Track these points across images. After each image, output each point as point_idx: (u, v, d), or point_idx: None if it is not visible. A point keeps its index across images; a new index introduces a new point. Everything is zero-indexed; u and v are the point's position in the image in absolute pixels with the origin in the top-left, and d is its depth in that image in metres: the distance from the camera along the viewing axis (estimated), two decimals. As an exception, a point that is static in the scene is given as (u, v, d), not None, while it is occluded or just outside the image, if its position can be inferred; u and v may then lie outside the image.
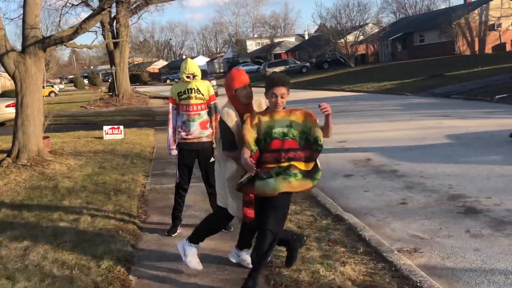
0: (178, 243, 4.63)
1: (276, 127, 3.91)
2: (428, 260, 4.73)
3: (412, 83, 26.85)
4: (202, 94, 5.78)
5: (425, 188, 7.15)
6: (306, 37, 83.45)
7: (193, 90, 5.74)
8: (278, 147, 3.88)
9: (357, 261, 4.59)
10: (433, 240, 5.20)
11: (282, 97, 3.94)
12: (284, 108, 4.05)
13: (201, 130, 5.71)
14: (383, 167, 8.68)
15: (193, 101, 5.74)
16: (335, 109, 18.79)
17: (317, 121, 4.00)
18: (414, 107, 17.70)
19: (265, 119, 3.95)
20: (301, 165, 3.91)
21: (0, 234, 5.67)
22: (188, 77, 5.70)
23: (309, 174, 3.91)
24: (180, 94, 5.83)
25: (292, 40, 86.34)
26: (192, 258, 4.49)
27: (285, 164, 3.85)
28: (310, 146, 3.94)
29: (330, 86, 32.65)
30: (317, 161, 4.01)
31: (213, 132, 5.85)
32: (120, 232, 5.66)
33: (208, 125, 5.84)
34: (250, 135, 3.92)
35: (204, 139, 5.73)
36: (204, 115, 5.83)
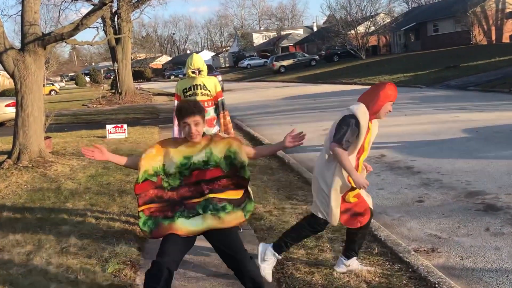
0: (261, 244, 4.48)
1: (194, 157, 3.60)
2: (447, 260, 4.71)
3: (427, 75, 26.72)
4: (209, 90, 5.78)
5: (442, 185, 7.11)
6: (315, 29, 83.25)
7: (199, 86, 5.74)
8: (200, 178, 3.58)
9: (372, 262, 4.58)
10: (451, 239, 5.18)
11: (196, 125, 3.56)
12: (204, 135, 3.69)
13: (207, 128, 5.70)
14: (397, 164, 8.65)
15: (199, 97, 5.74)
16: (344, 103, 18.73)
17: (241, 145, 3.67)
18: (429, 100, 17.61)
19: (181, 149, 3.61)
20: (229, 194, 3.57)
21: (2, 238, 5.71)
22: (193, 72, 5.71)
23: (239, 204, 3.56)
24: (185, 90, 5.83)
25: (300, 32, 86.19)
26: (268, 267, 4.32)
27: (210, 196, 3.54)
28: (238, 171, 3.60)
29: (340, 80, 32.56)
30: (249, 189, 3.64)
31: (220, 130, 5.85)
32: (126, 234, 5.68)
33: (215, 122, 5.84)
34: (150, 163, 3.61)
35: None
36: (211, 112, 5.83)
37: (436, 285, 3.98)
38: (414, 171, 8.06)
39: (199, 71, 5.71)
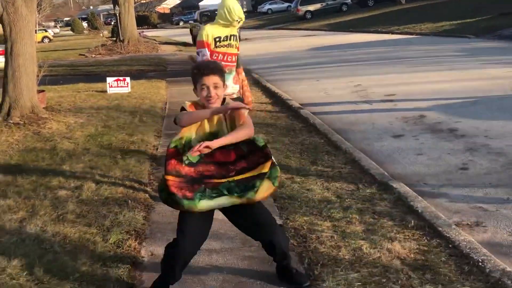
0: None
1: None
2: (493, 236, 4.72)
3: (476, 23, 26.21)
4: (237, 43, 5.79)
5: (490, 150, 7.07)
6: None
7: (234, 37, 5.71)
8: (224, 159, 3.63)
9: (407, 237, 4.60)
10: (498, 212, 5.18)
11: (215, 88, 3.64)
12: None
13: (233, 85, 5.72)
14: (439, 125, 8.60)
15: (233, 50, 5.72)
16: (379, 56, 18.55)
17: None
18: (478, 52, 17.33)
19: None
20: (258, 170, 3.62)
21: (-8, 203, 5.84)
22: (238, 21, 5.69)
23: (265, 174, 3.60)
24: (219, 39, 5.77)
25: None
26: None
27: (236, 178, 3.59)
28: (253, 144, 3.70)
29: (375, 28, 32.11)
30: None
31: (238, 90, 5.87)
32: (130, 201, 5.78)
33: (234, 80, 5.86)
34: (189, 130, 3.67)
35: (235, 96, 5.76)
36: (234, 68, 5.84)
37: (480, 263, 4.00)
38: (458, 134, 8.01)
39: (239, 21, 5.70)
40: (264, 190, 3.57)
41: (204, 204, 3.51)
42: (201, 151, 3.54)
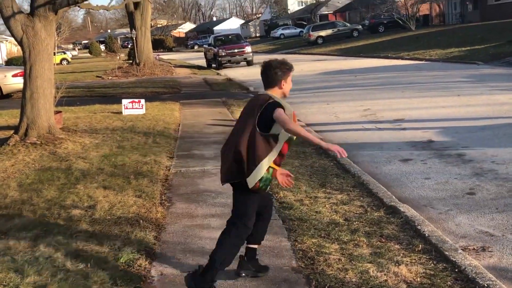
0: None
1: None
2: (499, 261, 4.67)
3: (485, 49, 26.19)
4: None
5: (497, 175, 7.03)
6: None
7: None
8: (286, 151, 4.29)
9: (414, 261, 4.57)
10: (504, 237, 5.14)
11: None
12: None
13: None
14: (447, 150, 8.57)
15: None
16: (389, 80, 18.56)
17: None
18: (486, 78, 17.30)
19: None
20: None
21: (7, 221, 5.88)
22: None
23: None
24: None
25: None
26: None
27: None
28: None
29: (386, 53, 32.17)
30: None
31: None
32: (141, 221, 5.79)
33: None
34: None
35: None
36: None
37: (486, 289, 3.96)
38: (465, 159, 7.97)
39: None
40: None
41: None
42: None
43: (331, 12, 75.95)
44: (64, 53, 58.27)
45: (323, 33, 51.66)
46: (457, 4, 53.46)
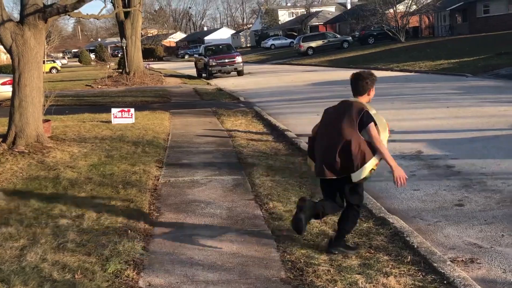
0: None
1: None
2: (487, 273, 4.68)
3: (474, 62, 26.39)
4: None
5: (486, 187, 7.06)
6: (349, 7, 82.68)
7: None
8: None
9: (402, 272, 4.58)
10: (493, 249, 5.15)
11: None
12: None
13: None
14: (436, 162, 8.60)
15: None
16: (378, 92, 18.61)
17: None
18: (475, 90, 17.42)
19: None
20: None
21: (-6, 230, 5.82)
22: None
23: None
24: None
25: (331, 10, 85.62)
26: None
27: None
28: None
29: (375, 65, 32.34)
30: None
31: None
32: (129, 231, 5.76)
33: None
34: None
35: None
36: None
37: (474, 301, 3.97)
38: (454, 170, 8.01)
39: None
40: None
41: None
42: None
43: (322, 23, 76.35)
44: (54, 61, 58.07)
45: (313, 44, 51.91)
46: (447, 17, 53.90)
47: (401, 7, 50.43)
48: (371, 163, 4.78)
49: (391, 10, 49.86)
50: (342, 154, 4.77)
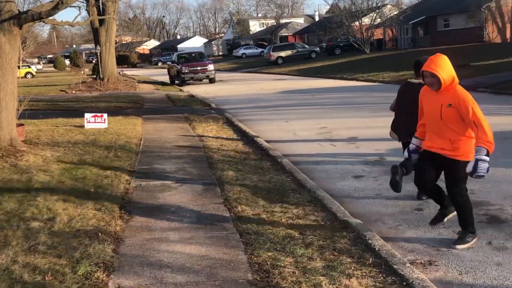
0: None
1: None
2: (444, 274, 4.74)
3: (434, 73, 26.76)
4: None
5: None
6: (317, 19, 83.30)
7: None
8: None
9: (364, 274, 4.60)
10: (450, 252, 5.22)
11: None
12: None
13: None
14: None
15: None
16: (344, 100, 18.80)
17: None
18: (435, 100, 17.63)
19: None
20: None
21: (-35, 233, 5.69)
22: None
23: None
24: None
25: (300, 22, 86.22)
26: None
27: None
28: None
29: (342, 74, 32.61)
30: None
31: None
32: (100, 234, 5.68)
33: None
34: None
35: None
36: None
37: (431, 301, 4.01)
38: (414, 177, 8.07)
39: None
40: None
41: None
42: None
43: (291, 34, 76.81)
44: (29, 67, 57.23)
45: (283, 53, 52.15)
46: (409, 30, 54.73)
47: (366, 20, 51.08)
48: None
49: (357, 23, 50.49)
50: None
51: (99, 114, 13.95)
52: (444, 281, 4.59)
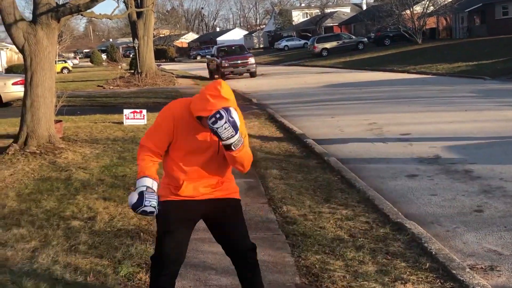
0: None
1: None
2: (507, 281, 4.65)
3: (492, 64, 26.25)
4: None
5: (505, 193, 7.00)
6: (364, 7, 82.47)
7: None
8: None
9: (420, 279, 4.55)
10: (514, 256, 5.11)
11: None
12: None
13: None
14: (454, 167, 8.54)
15: None
16: (395, 94, 18.59)
17: None
18: (493, 94, 17.31)
19: None
20: None
21: (5, 232, 5.86)
22: None
23: None
24: None
25: (347, 11, 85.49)
26: None
27: None
28: None
29: (391, 67, 32.25)
30: None
31: None
32: (142, 234, 5.77)
33: None
34: None
35: None
36: None
37: (494, 309, 3.94)
38: (473, 175, 7.95)
39: None
40: None
41: None
42: None
43: (337, 24, 76.21)
44: (65, 61, 58.42)
45: (328, 45, 51.85)
46: (465, 18, 53.62)
47: (418, 8, 50.21)
48: None
49: (408, 11, 49.69)
50: None
51: (138, 110, 14.15)
52: (507, 287, 4.50)
